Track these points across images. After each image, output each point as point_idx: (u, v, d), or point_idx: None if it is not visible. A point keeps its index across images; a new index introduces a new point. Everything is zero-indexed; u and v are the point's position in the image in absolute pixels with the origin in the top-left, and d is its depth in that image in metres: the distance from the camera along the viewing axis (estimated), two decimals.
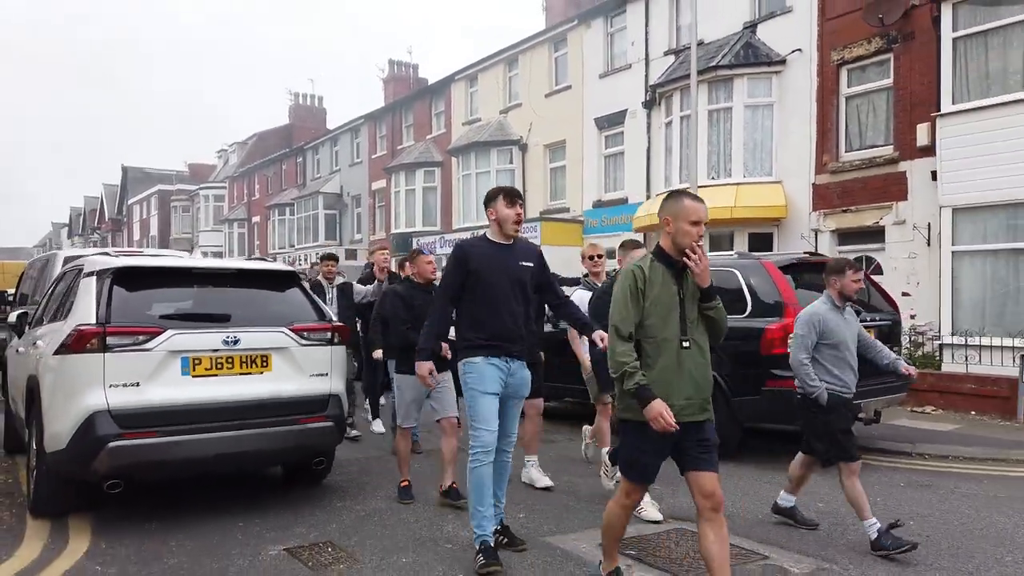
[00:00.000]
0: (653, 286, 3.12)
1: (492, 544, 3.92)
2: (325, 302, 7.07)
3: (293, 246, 31.53)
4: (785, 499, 4.79)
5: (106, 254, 5.87)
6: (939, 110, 10.80)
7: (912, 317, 11.07)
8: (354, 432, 7.63)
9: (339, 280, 7.98)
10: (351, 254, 26.67)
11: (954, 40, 10.67)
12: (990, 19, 10.42)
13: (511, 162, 20.58)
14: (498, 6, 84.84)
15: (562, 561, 4.07)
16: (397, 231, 24.41)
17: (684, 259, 3.10)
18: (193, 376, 4.63)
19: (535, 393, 5.13)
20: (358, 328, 8.21)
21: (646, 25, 16.70)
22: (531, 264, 4.20)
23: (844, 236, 12.93)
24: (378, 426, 8.13)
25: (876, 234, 12.31)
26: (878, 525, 4.19)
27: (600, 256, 6.13)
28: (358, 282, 8.43)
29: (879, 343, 4.74)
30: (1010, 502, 5.37)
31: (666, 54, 16.17)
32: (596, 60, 18.11)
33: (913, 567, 4.02)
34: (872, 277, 8.12)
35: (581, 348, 5.65)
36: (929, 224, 11.35)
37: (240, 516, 4.86)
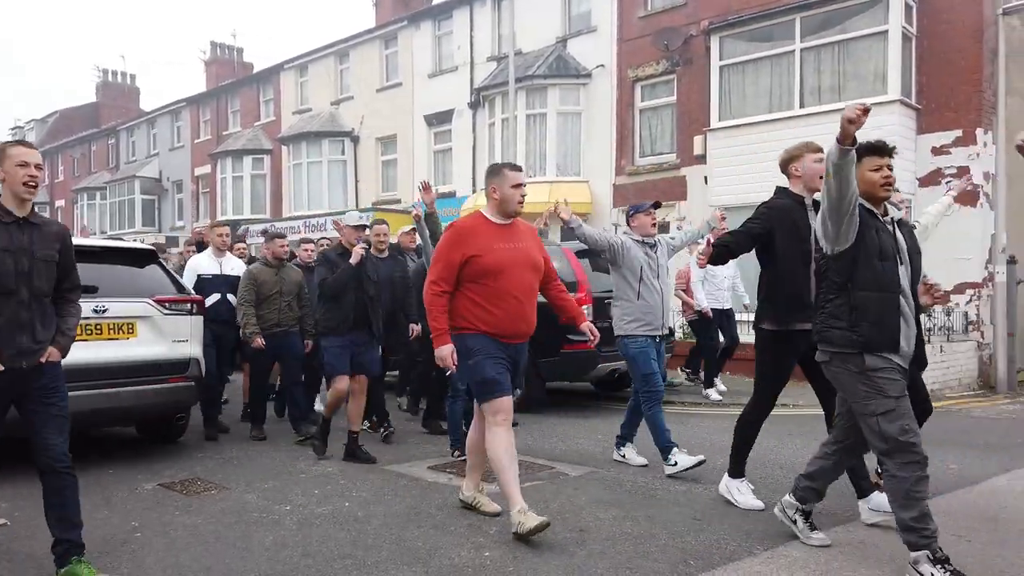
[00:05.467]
0: None
1: None
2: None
3: (105, 232, 29.78)
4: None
5: None
6: (709, 125, 13.04)
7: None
8: None
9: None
10: (172, 241, 25.84)
11: (720, 67, 12.94)
12: (748, 52, 12.76)
13: (343, 153, 21.17)
14: None
15: (396, 478, 5.20)
16: (224, 218, 24.05)
17: None
18: None
19: None
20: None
21: (471, 31, 18.02)
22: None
23: None
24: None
25: (663, 228, 14.47)
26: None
27: None
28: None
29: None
30: None
31: (489, 60, 17.59)
32: (425, 60, 19.20)
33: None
34: None
35: None
36: (705, 221, 13.60)
37: (108, 466, 5.50)
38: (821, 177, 3.77)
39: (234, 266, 7.08)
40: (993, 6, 11.09)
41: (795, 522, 3.77)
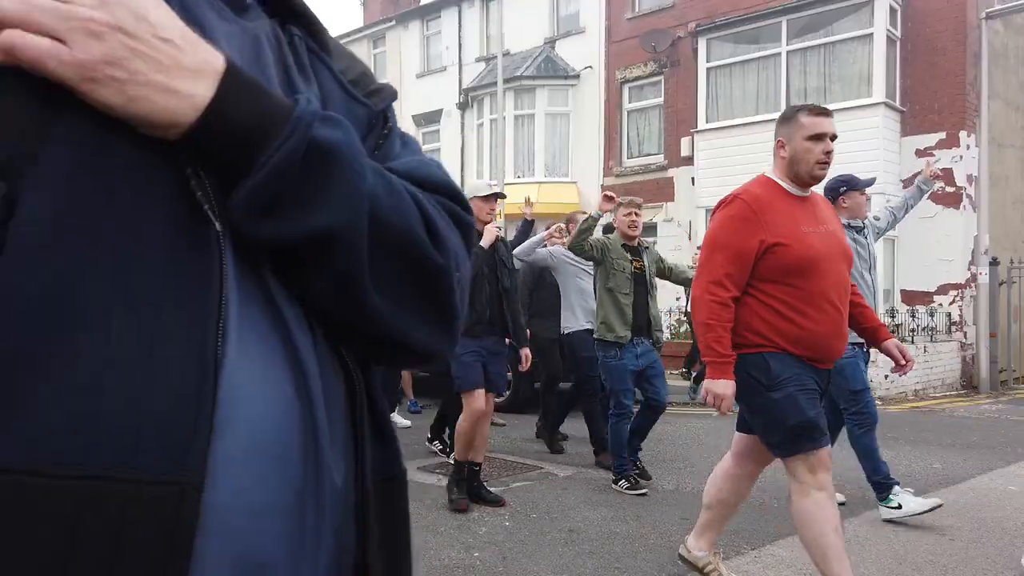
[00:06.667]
0: None
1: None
2: None
3: None
4: None
5: None
6: (696, 127, 13.12)
7: (677, 299, 13.32)
8: None
9: None
10: None
11: (707, 69, 13.01)
12: (735, 54, 12.84)
13: None
14: None
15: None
16: None
17: None
18: None
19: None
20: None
21: (459, 31, 18.02)
22: None
23: None
24: None
25: (650, 229, 14.53)
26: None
27: None
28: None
29: None
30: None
31: (478, 60, 17.60)
32: (413, 60, 19.18)
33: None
34: None
35: None
36: (690, 221, 13.71)
37: None
38: None
39: None
40: (976, 10, 11.22)
41: None
